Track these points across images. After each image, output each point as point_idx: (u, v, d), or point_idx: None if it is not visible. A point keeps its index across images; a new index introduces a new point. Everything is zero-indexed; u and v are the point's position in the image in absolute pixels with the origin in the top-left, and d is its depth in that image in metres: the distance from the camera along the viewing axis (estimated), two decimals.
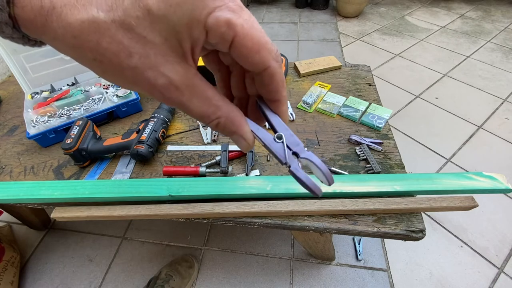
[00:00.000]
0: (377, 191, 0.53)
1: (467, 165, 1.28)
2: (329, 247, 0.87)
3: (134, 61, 0.15)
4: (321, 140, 0.68)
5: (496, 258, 0.99)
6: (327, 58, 0.92)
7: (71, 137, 0.61)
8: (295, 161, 0.21)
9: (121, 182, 0.58)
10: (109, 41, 0.14)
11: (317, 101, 0.78)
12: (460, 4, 2.68)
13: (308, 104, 0.77)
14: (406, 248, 1.02)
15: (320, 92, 0.80)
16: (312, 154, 0.21)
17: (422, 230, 0.50)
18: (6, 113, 0.83)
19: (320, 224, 0.51)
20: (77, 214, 0.54)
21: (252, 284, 0.95)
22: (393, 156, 0.63)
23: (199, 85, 0.17)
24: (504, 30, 2.25)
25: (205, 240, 1.07)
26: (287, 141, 0.21)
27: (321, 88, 0.82)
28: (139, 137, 0.63)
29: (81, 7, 0.14)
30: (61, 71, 0.83)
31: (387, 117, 0.71)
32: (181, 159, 0.66)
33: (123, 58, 0.15)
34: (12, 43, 0.75)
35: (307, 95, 0.79)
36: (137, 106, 0.78)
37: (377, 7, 2.71)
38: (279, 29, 2.46)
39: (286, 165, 0.21)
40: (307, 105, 0.76)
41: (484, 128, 1.46)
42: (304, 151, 0.21)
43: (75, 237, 1.10)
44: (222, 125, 0.19)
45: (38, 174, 0.65)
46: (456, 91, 1.69)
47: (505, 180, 0.52)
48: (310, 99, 0.78)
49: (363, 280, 0.94)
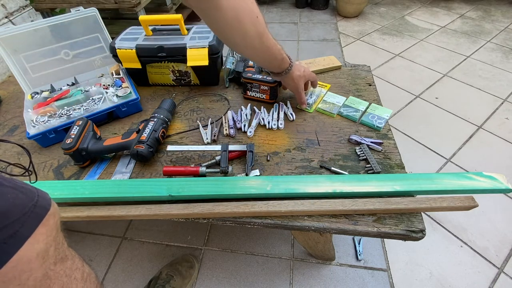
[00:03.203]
0: (377, 191, 0.53)
1: (467, 165, 1.28)
2: (329, 247, 0.87)
3: (299, 83, 0.70)
4: (321, 140, 0.68)
5: (496, 258, 0.99)
6: (327, 58, 0.92)
7: (71, 137, 0.61)
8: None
9: (121, 182, 0.58)
10: (298, 79, 0.69)
11: (317, 100, 0.78)
12: (460, 4, 2.68)
13: (309, 104, 0.77)
14: (406, 248, 1.02)
15: (320, 92, 0.81)
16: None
17: (422, 230, 0.50)
18: (6, 113, 0.83)
19: (320, 224, 0.51)
20: (77, 214, 0.54)
21: (252, 284, 0.95)
22: (393, 156, 0.63)
23: (303, 91, 0.73)
24: (504, 30, 2.25)
25: (205, 240, 1.07)
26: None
27: (321, 87, 0.83)
28: (139, 137, 0.63)
29: (296, 71, 0.68)
30: (61, 71, 0.83)
31: (387, 117, 0.71)
32: (181, 159, 0.66)
33: (298, 82, 0.70)
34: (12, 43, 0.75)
35: (307, 95, 0.79)
36: (137, 106, 0.78)
37: (377, 7, 2.71)
38: (279, 29, 2.46)
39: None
40: (307, 105, 0.76)
41: (484, 128, 1.46)
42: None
43: (75, 237, 1.10)
44: (303, 101, 0.74)
45: (38, 174, 0.65)
46: (456, 91, 1.69)
47: (505, 180, 0.52)
48: (310, 99, 0.78)
49: (363, 280, 0.94)
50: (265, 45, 0.56)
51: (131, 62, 0.79)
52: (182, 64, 0.80)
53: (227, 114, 0.76)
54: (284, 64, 0.64)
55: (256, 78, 0.75)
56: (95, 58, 0.86)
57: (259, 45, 0.54)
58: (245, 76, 0.76)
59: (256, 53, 0.57)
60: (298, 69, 0.68)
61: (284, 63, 0.64)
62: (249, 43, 0.53)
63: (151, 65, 0.81)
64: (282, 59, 0.62)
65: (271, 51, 0.58)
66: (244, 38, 0.52)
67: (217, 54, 0.78)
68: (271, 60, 0.61)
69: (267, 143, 0.68)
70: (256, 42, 0.54)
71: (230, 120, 0.74)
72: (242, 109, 0.77)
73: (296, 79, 0.67)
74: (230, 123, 0.73)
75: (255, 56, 0.60)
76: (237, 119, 0.74)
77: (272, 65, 0.64)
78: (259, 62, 0.67)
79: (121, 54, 0.77)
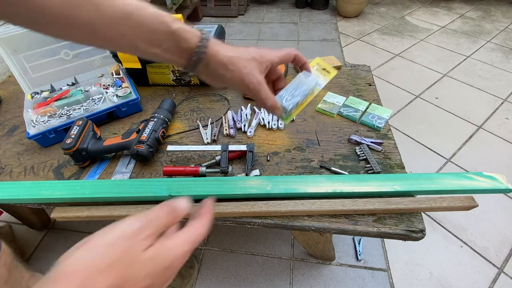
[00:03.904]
0: (377, 191, 0.53)
1: (467, 165, 1.28)
2: (329, 247, 0.87)
3: (246, 70, 0.35)
4: (321, 140, 0.68)
5: (496, 258, 0.99)
6: (327, 58, 0.92)
7: (71, 137, 0.61)
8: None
9: (121, 182, 0.58)
10: (239, 63, 0.35)
11: (305, 101, 0.44)
12: (460, 4, 2.68)
13: (285, 110, 0.41)
14: (406, 248, 1.02)
15: (314, 85, 0.45)
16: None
17: (422, 230, 0.50)
18: (6, 113, 0.83)
19: (320, 224, 0.51)
20: (77, 214, 0.54)
21: (252, 284, 0.95)
22: (393, 156, 0.63)
23: (265, 85, 0.37)
24: (504, 30, 2.25)
25: (205, 240, 1.07)
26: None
27: (319, 74, 0.47)
28: (139, 137, 0.63)
29: (229, 51, 0.35)
30: (61, 71, 0.83)
31: (387, 117, 0.71)
32: (181, 159, 0.66)
33: (243, 69, 0.35)
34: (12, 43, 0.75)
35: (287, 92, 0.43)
36: (137, 106, 0.78)
37: (377, 7, 2.71)
38: (279, 29, 2.46)
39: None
40: (283, 112, 0.42)
41: (484, 128, 1.46)
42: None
43: (75, 237, 1.10)
44: (272, 103, 0.38)
45: (38, 174, 0.65)
46: (456, 91, 1.69)
47: (505, 180, 0.52)
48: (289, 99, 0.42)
49: (363, 280, 0.94)
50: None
51: (131, 62, 0.79)
52: None
53: (227, 114, 0.76)
54: (184, 41, 0.32)
55: None
56: (95, 58, 0.86)
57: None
58: None
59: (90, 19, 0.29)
60: (234, 50, 0.35)
61: (181, 38, 0.32)
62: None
63: (151, 65, 0.81)
64: (168, 30, 0.32)
65: (126, 12, 0.30)
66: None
67: None
68: (138, 34, 0.31)
69: (267, 143, 0.68)
70: None
71: (230, 120, 0.74)
72: (242, 109, 0.77)
73: (233, 65, 0.35)
74: (230, 123, 0.73)
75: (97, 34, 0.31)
76: (237, 119, 0.74)
77: (151, 45, 0.32)
78: (115, 44, 0.33)
79: (121, 54, 0.77)
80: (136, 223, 0.23)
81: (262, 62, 0.37)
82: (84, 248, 0.21)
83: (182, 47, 0.33)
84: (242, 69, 0.35)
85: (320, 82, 0.45)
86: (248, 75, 0.35)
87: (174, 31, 0.32)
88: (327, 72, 0.46)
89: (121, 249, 0.21)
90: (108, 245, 0.21)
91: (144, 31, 0.31)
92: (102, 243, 0.21)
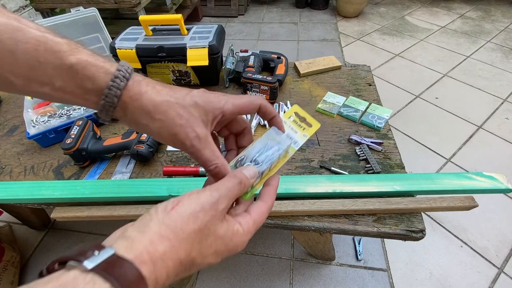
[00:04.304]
0: (377, 191, 0.53)
1: (467, 165, 1.28)
2: (329, 247, 0.87)
3: (182, 121, 0.26)
4: (321, 140, 0.68)
5: (496, 258, 0.99)
6: (327, 58, 0.92)
7: (71, 137, 0.61)
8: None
9: (121, 182, 0.58)
10: (172, 110, 0.26)
11: (275, 165, 0.34)
12: (460, 4, 2.68)
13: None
14: (406, 248, 1.02)
15: (289, 144, 0.34)
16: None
17: (422, 230, 0.50)
18: (6, 113, 0.83)
19: (320, 224, 0.51)
20: (77, 214, 0.54)
21: (252, 284, 0.95)
22: (393, 156, 0.63)
23: (211, 141, 0.27)
24: (504, 30, 2.25)
25: None
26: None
27: (297, 129, 0.34)
28: (139, 137, 0.63)
29: (159, 95, 0.26)
30: None
31: (387, 117, 0.71)
32: (181, 159, 0.66)
33: (177, 119, 0.26)
34: None
35: (243, 153, 0.35)
36: None
37: (377, 7, 2.71)
38: (279, 29, 2.46)
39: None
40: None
41: (484, 128, 1.46)
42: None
43: (75, 237, 1.10)
44: (217, 169, 0.27)
45: (38, 174, 0.65)
46: (456, 91, 1.69)
47: (505, 180, 0.52)
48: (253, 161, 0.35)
49: (363, 280, 0.94)
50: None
51: (131, 62, 0.79)
52: (182, 64, 0.80)
53: None
54: (87, 80, 0.25)
55: (256, 78, 0.75)
56: None
57: None
58: (245, 76, 0.76)
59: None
60: (168, 93, 0.27)
61: (83, 75, 0.25)
62: None
63: (151, 65, 0.81)
64: (61, 64, 0.24)
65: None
66: None
67: (217, 54, 0.78)
68: (8, 66, 0.23)
69: None
70: None
71: None
72: None
73: (161, 113, 0.26)
74: None
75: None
76: None
77: (34, 82, 0.24)
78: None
79: (121, 54, 0.77)
80: (213, 195, 0.23)
81: (208, 110, 0.27)
82: (172, 213, 0.21)
83: (85, 87, 0.25)
84: (175, 119, 0.26)
85: (297, 139, 0.32)
86: (183, 127, 0.26)
87: (71, 66, 0.24)
88: (307, 126, 0.33)
89: (201, 221, 0.21)
90: (189, 215, 0.21)
91: (21, 62, 0.23)
92: (185, 212, 0.21)
